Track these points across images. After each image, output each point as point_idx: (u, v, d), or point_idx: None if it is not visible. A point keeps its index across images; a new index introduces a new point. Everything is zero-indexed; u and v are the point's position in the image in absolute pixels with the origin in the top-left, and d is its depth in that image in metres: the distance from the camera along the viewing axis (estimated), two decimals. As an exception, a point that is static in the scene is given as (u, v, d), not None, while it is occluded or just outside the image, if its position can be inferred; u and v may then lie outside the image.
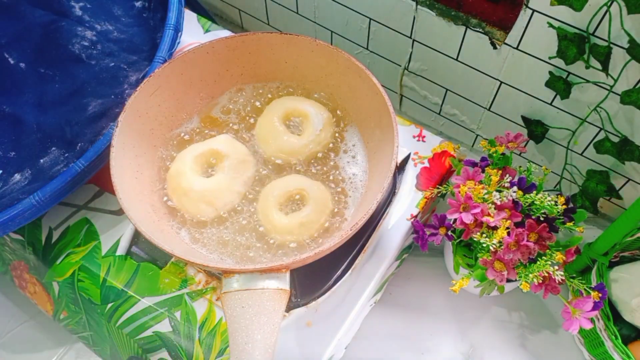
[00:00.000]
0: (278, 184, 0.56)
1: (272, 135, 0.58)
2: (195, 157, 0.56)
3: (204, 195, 0.54)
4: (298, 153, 0.58)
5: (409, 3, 0.65)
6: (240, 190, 0.56)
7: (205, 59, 0.59)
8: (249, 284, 0.46)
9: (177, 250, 0.47)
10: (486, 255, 0.53)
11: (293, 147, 0.57)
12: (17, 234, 0.64)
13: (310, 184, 0.56)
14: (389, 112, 0.54)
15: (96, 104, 0.62)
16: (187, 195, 0.54)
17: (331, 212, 0.55)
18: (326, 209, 0.55)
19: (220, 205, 0.55)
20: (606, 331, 0.56)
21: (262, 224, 0.55)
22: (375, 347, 0.66)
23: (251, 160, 0.58)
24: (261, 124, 0.59)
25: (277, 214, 0.54)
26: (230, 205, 0.55)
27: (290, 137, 0.58)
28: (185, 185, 0.54)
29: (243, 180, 0.56)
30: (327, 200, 0.55)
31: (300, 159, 0.58)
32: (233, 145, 0.57)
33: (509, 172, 0.58)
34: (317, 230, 0.54)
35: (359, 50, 0.79)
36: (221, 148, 0.56)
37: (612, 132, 0.60)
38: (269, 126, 0.58)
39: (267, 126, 0.58)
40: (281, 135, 0.57)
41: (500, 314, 0.68)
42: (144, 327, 0.57)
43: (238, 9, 0.91)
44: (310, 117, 0.59)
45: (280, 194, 0.55)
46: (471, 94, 0.72)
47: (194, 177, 0.54)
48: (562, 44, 0.55)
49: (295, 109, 0.59)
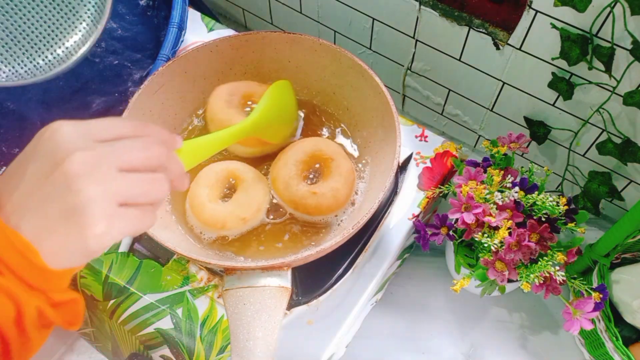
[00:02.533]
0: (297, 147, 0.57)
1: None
2: (213, 184, 0.55)
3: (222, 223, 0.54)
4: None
5: (413, 3, 0.65)
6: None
7: (208, 57, 0.59)
8: (251, 282, 0.46)
9: (179, 248, 0.47)
10: (487, 255, 0.53)
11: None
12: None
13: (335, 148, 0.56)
14: (392, 111, 0.54)
15: (100, 102, 0.62)
16: (206, 224, 0.54)
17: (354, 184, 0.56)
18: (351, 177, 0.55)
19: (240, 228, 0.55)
20: (607, 332, 0.56)
21: (281, 195, 0.55)
22: (376, 346, 0.66)
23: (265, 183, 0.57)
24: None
25: (300, 183, 0.54)
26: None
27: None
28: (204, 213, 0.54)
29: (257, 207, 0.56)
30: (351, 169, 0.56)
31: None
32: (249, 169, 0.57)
33: (511, 173, 0.58)
34: (344, 203, 0.55)
35: (362, 50, 0.79)
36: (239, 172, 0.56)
37: (615, 133, 0.60)
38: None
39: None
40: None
41: (501, 314, 0.68)
42: (145, 324, 0.57)
43: (242, 8, 0.91)
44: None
45: (300, 160, 0.55)
46: (474, 95, 0.72)
47: (212, 205, 0.54)
48: (565, 44, 0.55)
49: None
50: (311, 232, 0.55)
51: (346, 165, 0.56)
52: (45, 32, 0.56)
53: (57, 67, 0.57)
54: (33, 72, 0.55)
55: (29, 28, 0.55)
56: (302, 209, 0.54)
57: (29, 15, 0.55)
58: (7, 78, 0.53)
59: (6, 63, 0.54)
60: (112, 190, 0.31)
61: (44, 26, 0.56)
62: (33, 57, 0.56)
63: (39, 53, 0.55)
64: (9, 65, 0.54)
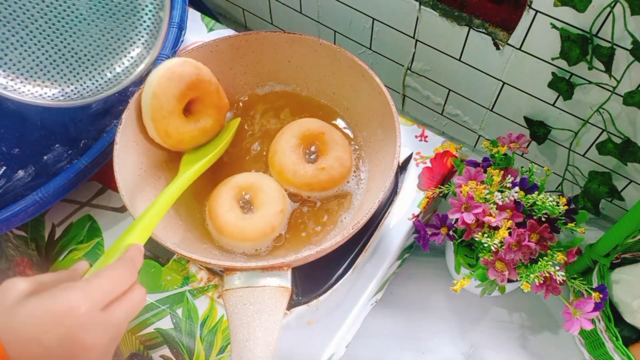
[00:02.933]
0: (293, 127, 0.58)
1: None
2: (232, 196, 0.55)
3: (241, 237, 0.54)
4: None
5: (413, 3, 0.65)
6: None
7: (208, 57, 0.59)
8: (251, 282, 0.46)
9: (179, 248, 0.47)
10: (487, 255, 0.53)
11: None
12: (20, 230, 0.64)
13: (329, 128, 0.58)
14: (392, 111, 0.54)
15: (100, 102, 0.62)
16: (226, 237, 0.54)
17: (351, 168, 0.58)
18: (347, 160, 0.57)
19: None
20: (607, 332, 0.56)
21: (293, 183, 0.56)
22: (376, 346, 0.66)
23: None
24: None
25: (305, 165, 0.55)
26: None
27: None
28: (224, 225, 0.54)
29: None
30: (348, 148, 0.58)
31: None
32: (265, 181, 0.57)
33: (511, 173, 0.58)
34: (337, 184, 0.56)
35: (362, 50, 0.79)
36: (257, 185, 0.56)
37: (615, 133, 0.60)
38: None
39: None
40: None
41: (501, 314, 0.68)
42: (145, 324, 0.57)
43: (242, 8, 0.91)
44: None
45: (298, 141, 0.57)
46: (474, 95, 0.72)
47: (232, 217, 0.54)
48: (565, 45, 0.55)
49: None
50: (335, 205, 0.57)
51: (337, 133, 0.59)
52: (97, 55, 0.56)
53: (106, 91, 0.57)
54: (81, 94, 0.55)
55: (78, 47, 0.55)
56: (317, 187, 0.56)
57: (80, 35, 0.55)
58: (52, 98, 0.53)
59: (52, 81, 0.54)
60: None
61: (97, 49, 0.56)
62: (82, 79, 0.56)
63: (89, 76, 0.55)
64: (55, 84, 0.54)
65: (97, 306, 0.35)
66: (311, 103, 0.64)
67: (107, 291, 0.37)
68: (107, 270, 0.38)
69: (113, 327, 0.36)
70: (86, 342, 0.34)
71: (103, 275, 0.37)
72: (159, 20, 0.58)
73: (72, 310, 0.34)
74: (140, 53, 0.57)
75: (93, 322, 0.35)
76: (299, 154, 0.57)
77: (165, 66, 0.52)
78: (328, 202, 0.57)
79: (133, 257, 0.40)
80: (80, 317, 0.34)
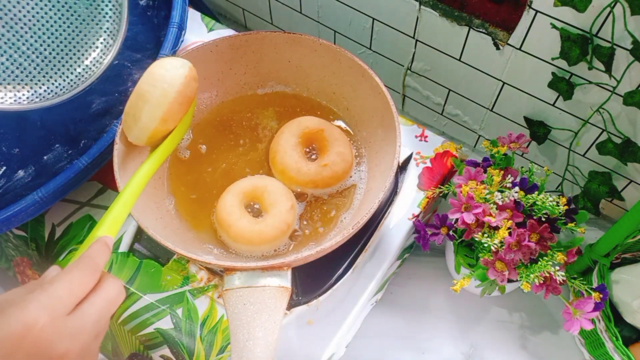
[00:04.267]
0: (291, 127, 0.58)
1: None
2: (239, 202, 0.55)
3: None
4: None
5: (413, 3, 0.65)
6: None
7: (208, 57, 0.59)
8: (251, 282, 0.46)
9: (179, 248, 0.47)
10: (487, 255, 0.53)
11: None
12: (20, 230, 0.65)
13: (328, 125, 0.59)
14: (392, 111, 0.54)
15: (100, 102, 0.62)
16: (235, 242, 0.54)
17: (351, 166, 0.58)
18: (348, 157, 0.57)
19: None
20: (607, 332, 0.56)
21: (297, 182, 0.56)
22: (376, 346, 0.66)
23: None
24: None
25: (308, 163, 0.56)
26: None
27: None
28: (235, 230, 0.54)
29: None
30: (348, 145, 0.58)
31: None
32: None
33: (511, 173, 0.58)
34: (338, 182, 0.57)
35: (362, 50, 0.79)
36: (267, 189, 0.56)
37: (615, 133, 0.60)
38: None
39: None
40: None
41: (501, 314, 0.68)
42: (145, 324, 0.57)
43: (242, 8, 0.91)
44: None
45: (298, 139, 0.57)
46: (474, 95, 0.72)
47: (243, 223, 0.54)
48: (565, 45, 0.55)
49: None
50: (339, 201, 0.58)
51: (336, 129, 0.59)
52: (62, 51, 0.55)
53: (80, 85, 0.56)
54: (55, 92, 0.54)
55: (41, 46, 0.54)
56: (321, 184, 0.56)
57: (41, 34, 0.54)
58: (28, 100, 0.53)
59: (23, 85, 0.53)
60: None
61: (60, 46, 0.55)
62: (52, 77, 0.55)
63: (59, 73, 0.54)
64: (26, 86, 0.53)
65: (59, 314, 0.34)
66: (311, 103, 0.64)
67: (64, 296, 0.35)
68: (63, 275, 0.36)
69: (85, 328, 0.35)
70: (55, 353, 0.33)
71: (59, 280, 0.36)
72: (118, 6, 0.57)
73: (30, 327, 0.32)
74: (105, 41, 0.57)
75: (57, 331, 0.33)
76: (300, 152, 0.57)
77: (187, 65, 0.50)
78: (330, 200, 0.57)
79: (92, 254, 0.39)
80: (41, 331, 0.32)
